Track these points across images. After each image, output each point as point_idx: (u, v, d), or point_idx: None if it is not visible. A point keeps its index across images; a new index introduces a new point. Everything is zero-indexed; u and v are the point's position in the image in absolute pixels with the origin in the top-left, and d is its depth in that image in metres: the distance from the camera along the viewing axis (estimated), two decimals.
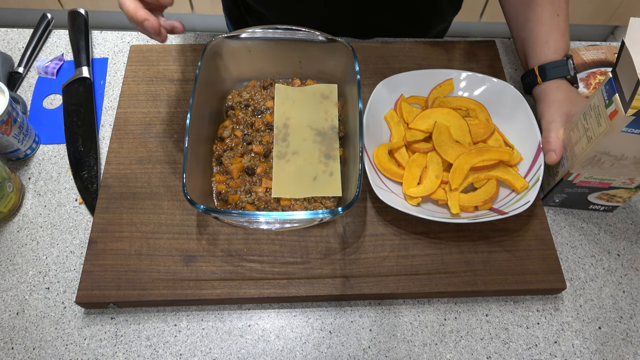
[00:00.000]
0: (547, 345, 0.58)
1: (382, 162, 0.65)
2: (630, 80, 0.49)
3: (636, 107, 0.49)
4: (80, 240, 0.64)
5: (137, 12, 0.55)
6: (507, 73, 0.80)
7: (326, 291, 0.58)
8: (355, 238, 0.62)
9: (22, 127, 0.67)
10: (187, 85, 0.74)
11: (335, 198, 0.63)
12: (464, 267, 0.61)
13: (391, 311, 0.60)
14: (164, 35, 0.57)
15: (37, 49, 0.81)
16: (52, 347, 0.57)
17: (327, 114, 0.69)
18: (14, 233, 0.64)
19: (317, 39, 0.67)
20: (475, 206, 0.63)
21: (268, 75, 0.73)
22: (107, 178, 0.66)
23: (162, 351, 0.57)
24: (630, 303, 0.61)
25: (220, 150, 0.66)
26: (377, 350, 0.58)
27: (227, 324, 0.59)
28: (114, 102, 0.76)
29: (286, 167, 0.64)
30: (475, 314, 0.60)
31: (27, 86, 0.77)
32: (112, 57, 0.81)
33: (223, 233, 0.62)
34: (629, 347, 0.59)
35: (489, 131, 0.67)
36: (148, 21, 0.55)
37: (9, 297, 0.60)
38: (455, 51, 0.79)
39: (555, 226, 0.66)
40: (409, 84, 0.72)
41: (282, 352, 0.57)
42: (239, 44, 0.68)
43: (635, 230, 0.67)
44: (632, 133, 0.52)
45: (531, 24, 0.70)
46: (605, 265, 0.64)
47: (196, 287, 0.59)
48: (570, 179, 0.61)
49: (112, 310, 0.59)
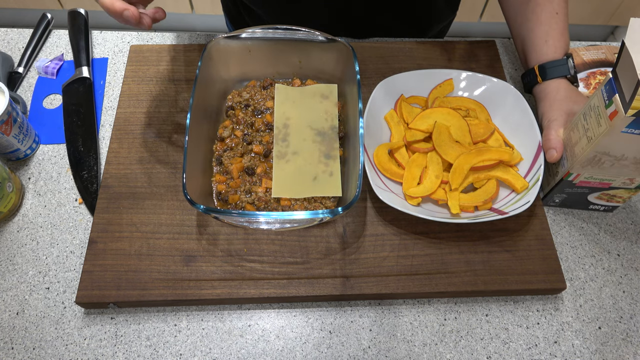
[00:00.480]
0: (547, 345, 0.58)
1: (382, 162, 0.65)
2: (631, 81, 0.49)
3: (636, 108, 0.49)
4: (80, 240, 0.64)
5: (114, 4, 0.54)
6: (507, 73, 0.80)
7: (326, 291, 0.58)
8: (355, 238, 0.62)
9: (22, 127, 0.67)
10: (187, 85, 0.74)
11: (335, 198, 0.63)
12: (464, 267, 0.61)
13: (391, 311, 0.60)
14: (146, 23, 0.56)
15: (37, 49, 0.81)
16: (52, 347, 0.57)
17: (327, 114, 0.69)
18: (14, 233, 0.64)
19: (317, 39, 0.67)
20: (475, 206, 0.63)
21: (268, 75, 0.73)
22: (107, 178, 0.66)
23: (162, 351, 0.57)
24: (630, 303, 0.61)
25: (220, 150, 0.66)
26: (377, 350, 0.58)
27: (227, 324, 0.59)
28: (114, 102, 0.76)
29: (286, 167, 0.64)
30: (475, 314, 0.60)
31: (27, 86, 0.77)
32: (112, 57, 0.81)
33: (223, 233, 0.62)
34: (629, 347, 0.59)
35: (489, 131, 0.67)
36: (127, 10, 0.54)
37: (9, 297, 0.60)
38: (455, 51, 0.79)
39: (555, 226, 0.67)
40: (409, 84, 0.72)
41: (282, 352, 0.57)
42: (239, 44, 0.68)
43: (635, 230, 0.67)
44: (632, 133, 0.52)
45: (530, 23, 0.70)
46: (605, 265, 0.64)
47: (196, 287, 0.59)
48: (570, 179, 0.61)
49: (112, 310, 0.59)
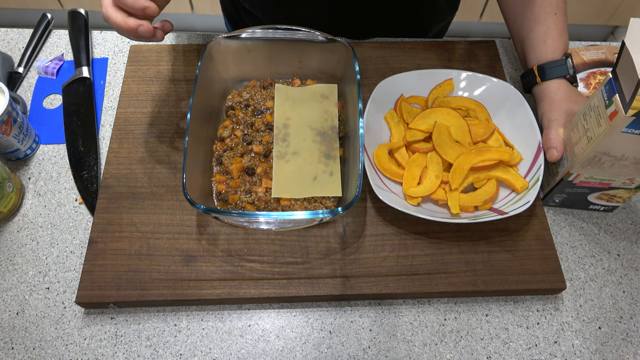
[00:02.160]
0: (547, 345, 0.58)
1: (382, 162, 0.65)
2: (631, 81, 0.49)
3: (636, 108, 0.49)
4: (80, 240, 0.64)
5: (127, 22, 0.54)
6: (507, 73, 0.80)
7: (326, 291, 0.58)
8: (355, 238, 0.62)
9: (22, 127, 0.67)
10: (187, 85, 0.74)
11: (335, 198, 0.63)
12: (464, 267, 0.61)
13: (391, 311, 0.60)
14: (159, 36, 0.57)
15: (37, 49, 0.81)
16: (52, 347, 0.57)
17: (327, 114, 0.69)
18: (14, 233, 0.64)
19: (317, 39, 0.67)
20: (475, 206, 0.63)
21: (268, 75, 0.73)
22: (107, 178, 0.66)
23: (162, 351, 0.57)
24: (630, 303, 0.61)
25: (220, 150, 0.66)
26: (377, 350, 0.58)
27: (227, 324, 0.59)
28: (114, 102, 0.76)
29: (286, 167, 0.64)
30: (475, 314, 0.60)
31: (27, 86, 0.77)
32: (112, 57, 0.81)
33: (223, 233, 0.62)
34: (629, 347, 0.59)
35: (489, 131, 0.67)
36: (142, 26, 0.54)
37: (9, 297, 0.60)
38: (455, 51, 0.79)
39: (555, 226, 0.67)
40: (409, 84, 0.72)
41: (282, 352, 0.57)
42: (239, 44, 0.68)
43: (635, 230, 0.67)
44: (632, 134, 0.52)
45: (529, 23, 0.70)
46: (605, 265, 0.64)
47: (196, 287, 0.59)
48: (570, 179, 0.61)
49: (112, 310, 0.59)
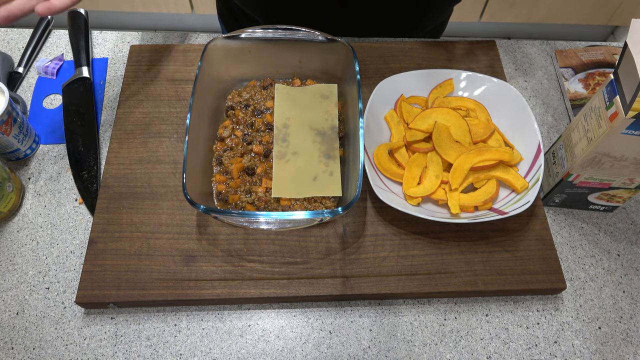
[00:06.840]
0: (547, 345, 0.58)
1: (382, 162, 0.65)
2: (632, 82, 0.49)
3: (637, 110, 0.49)
4: (80, 240, 0.64)
5: None
6: (507, 73, 0.80)
7: (326, 291, 0.58)
8: (355, 238, 0.62)
9: (22, 127, 0.67)
10: (187, 85, 0.74)
11: (335, 198, 0.63)
12: (464, 267, 0.61)
13: (391, 311, 0.60)
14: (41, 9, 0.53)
15: (37, 49, 0.81)
16: (52, 347, 0.57)
17: (327, 114, 0.69)
18: (14, 233, 0.64)
19: (317, 39, 0.67)
20: (475, 206, 0.63)
21: (268, 75, 0.73)
22: (107, 178, 0.66)
23: (162, 351, 0.57)
24: (630, 303, 0.61)
25: (220, 150, 0.66)
26: (377, 350, 0.58)
27: (227, 324, 0.59)
28: (114, 102, 0.75)
29: (286, 167, 0.64)
30: (475, 314, 0.60)
31: (27, 86, 0.77)
32: (112, 57, 0.80)
33: (223, 233, 0.62)
34: (629, 347, 0.59)
35: (489, 131, 0.67)
36: None
37: (9, 297, 0.60)
38: (455, 51, 0.79)
39: (555, 226, 0.67)
40: (409, 84, 0.72)
41: (282, 352, 0.57)
42: (239, 44, 0.68)
43: (635, 230, 0.67)
44: (632, 135, 0.52)
45: None
46: (605, 265, 0.64)
47: (196, 287, 0.59)
48: (570, 179, 0.61)
49: (112, 310, 0.59)
